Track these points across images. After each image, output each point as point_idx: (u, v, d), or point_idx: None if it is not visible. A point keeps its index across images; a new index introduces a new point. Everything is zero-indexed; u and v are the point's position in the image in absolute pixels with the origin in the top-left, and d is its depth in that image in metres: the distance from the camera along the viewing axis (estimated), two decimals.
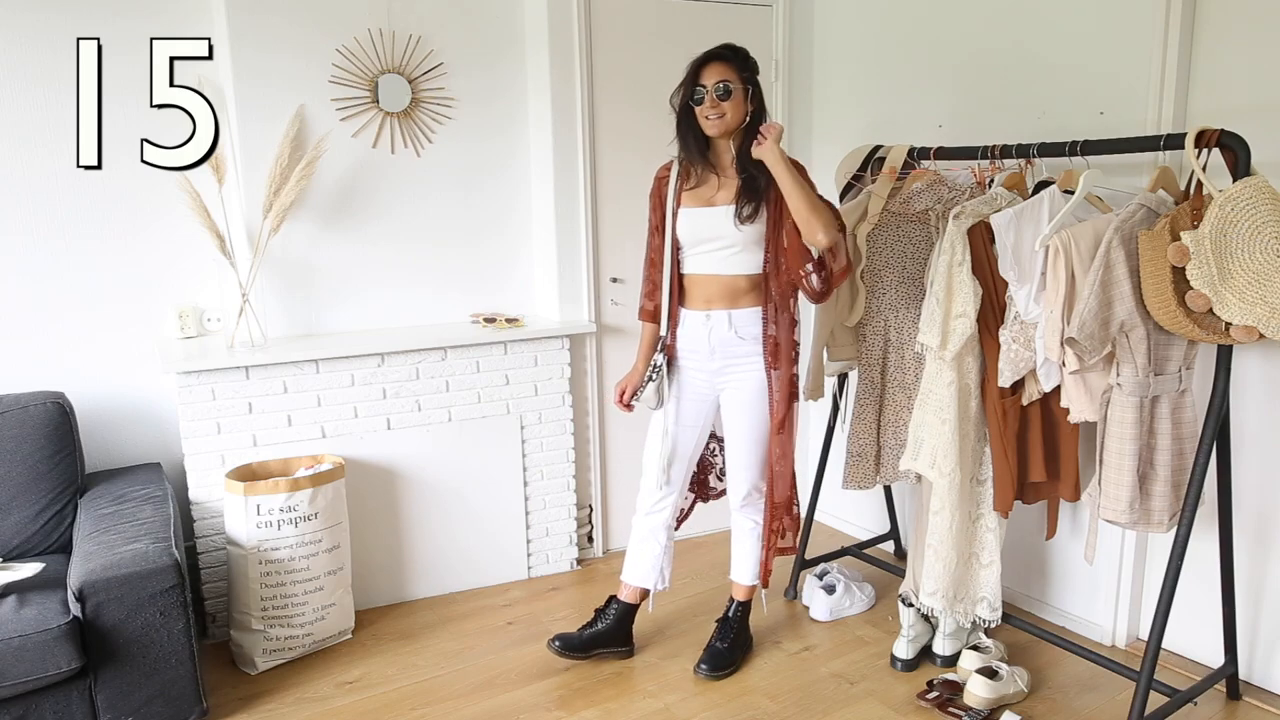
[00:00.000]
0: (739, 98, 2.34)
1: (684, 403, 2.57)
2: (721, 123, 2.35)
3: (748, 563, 2.69)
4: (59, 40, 2.75)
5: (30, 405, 2.60)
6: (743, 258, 2.44)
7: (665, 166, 2.54)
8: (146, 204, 2.93)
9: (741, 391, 2.52)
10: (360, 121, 3.06)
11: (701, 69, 2.35)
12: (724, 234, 2.41)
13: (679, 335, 2.54)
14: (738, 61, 2.36)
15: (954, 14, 3.03)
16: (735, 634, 2.72)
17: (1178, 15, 2.42)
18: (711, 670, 2.64)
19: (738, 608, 2.74)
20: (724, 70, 2.34)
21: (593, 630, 2.70)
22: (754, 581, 2.70)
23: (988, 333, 2.42)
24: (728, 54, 2.36)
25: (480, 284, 3.36)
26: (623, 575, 2.72)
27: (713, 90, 2.33)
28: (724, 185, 2.43)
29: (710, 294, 2.47)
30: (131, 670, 2.23)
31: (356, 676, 2.70)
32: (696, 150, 2.42)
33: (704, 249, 2.45)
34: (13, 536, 2.55)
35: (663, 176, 2.53)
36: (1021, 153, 2.46)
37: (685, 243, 2.47)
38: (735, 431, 2.57)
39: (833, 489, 3.69)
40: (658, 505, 2.64)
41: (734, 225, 2.39)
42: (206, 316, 3.08)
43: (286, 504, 2.66)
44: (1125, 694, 2.51)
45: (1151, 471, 2.26)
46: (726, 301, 2.46)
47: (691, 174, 2.46)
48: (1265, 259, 1.96)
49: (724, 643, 2.70)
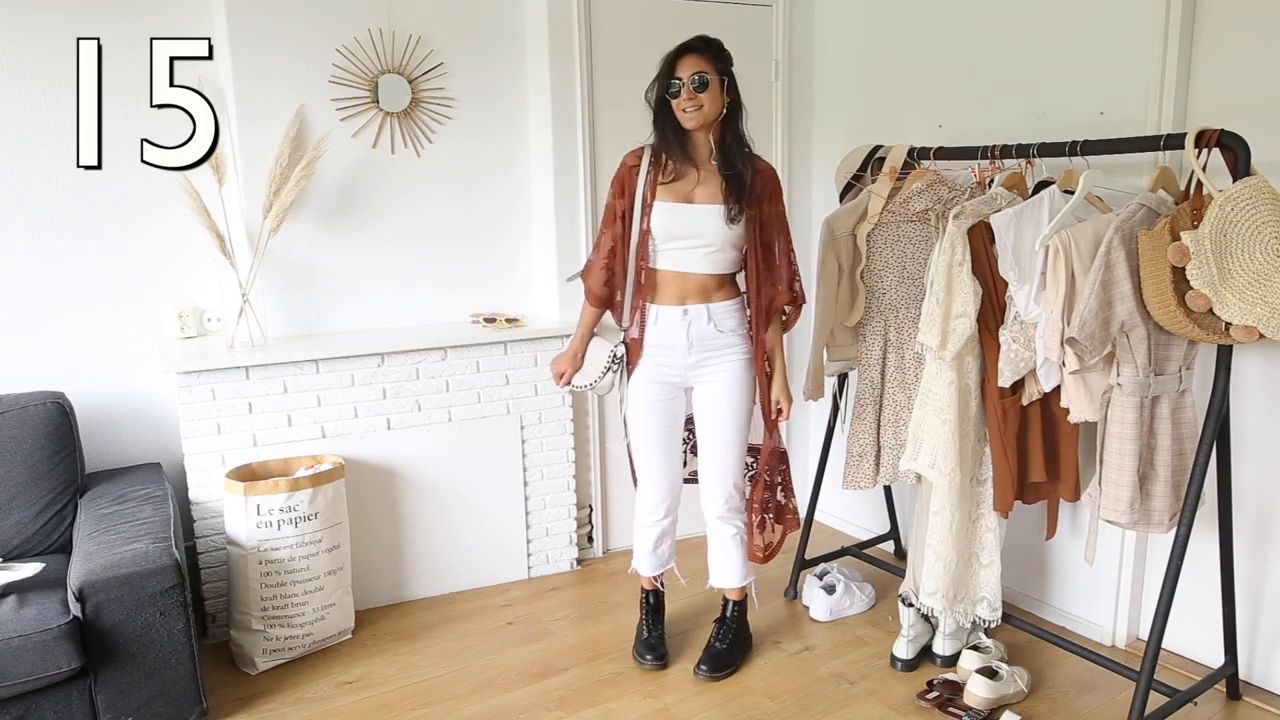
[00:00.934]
0: (716, 89, 2.33)
1: (653, 415, 2.54)
2: (699, 115, 2.33)
3: (733, 568, 2.67)
4: (59, 40, 2.75)
5: (30, 405, 2.60)
6: (720, 257, 2.42)
7: (635, 154, 2.47)
8: (146, 204, 2.93)
9: (719, 383, 2.50)
10: (360, 121, 3.06)
11: (676, 62, 2.34)
12: (706, 233, 2.39)
13: (650, 331, 2.49)
14: (711, 53, 2.35)
15: (954, 14, 3.03)
16: (734, 634, 2.72)
17: (1178, 15, 2.42)
18: (711, 671, 2.64)
19: (734, 607, 2.74)
20: (699, 62, 2.32)
21: (661, 624, 2.80)
22: (745, 581, 2.69)
23: (988, 333, 2.42)
24: (701, 45, 2.35)
25: (480, 284, 3.36)
26: (643, 570, 2.75)
27: (689, 82, 2.31)
28: (704, 181, 2.41)
29: (685, 290, 2.44)
30: (131, 670, 2.23)
31: (356, 676, 2.70)
32: (676, 144, 2.39)
33: (681, 245, 2.41)
34: (13, 536, 2.55)
35: (632, 165, 2.45)
36: (1021, 153, 2.46)
37: (660, 237, 2.42)
38: (713, 427, 2.54)
39: (833, 489, 3.69)
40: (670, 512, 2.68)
41: (724, 225, 2.37)
42: (206, 316, 3.08)
43: (286, 504, 2.66)
44: (1125, 694, 2.51)
45: (1151, 471, 2.26)
46: (702, 296, 2.45)
47: (667, 166, 2.41)
48: (1265, 259, 1.96)
49: (723, 643, 2.70)
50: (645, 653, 2.73)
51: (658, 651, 2.73)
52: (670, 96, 2.35)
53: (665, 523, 2.68)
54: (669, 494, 2.64)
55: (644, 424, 2.56)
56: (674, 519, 2.69)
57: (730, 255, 2.44)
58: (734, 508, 2.61)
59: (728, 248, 2.42)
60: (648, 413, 2.55)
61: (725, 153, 2.39)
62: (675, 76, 2.33)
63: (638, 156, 2.47)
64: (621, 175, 2.48)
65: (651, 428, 2.56)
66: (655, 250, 2.44)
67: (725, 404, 2.51)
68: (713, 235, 2.39)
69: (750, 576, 2.70)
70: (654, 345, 2.50)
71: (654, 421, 2.55)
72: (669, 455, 2.60)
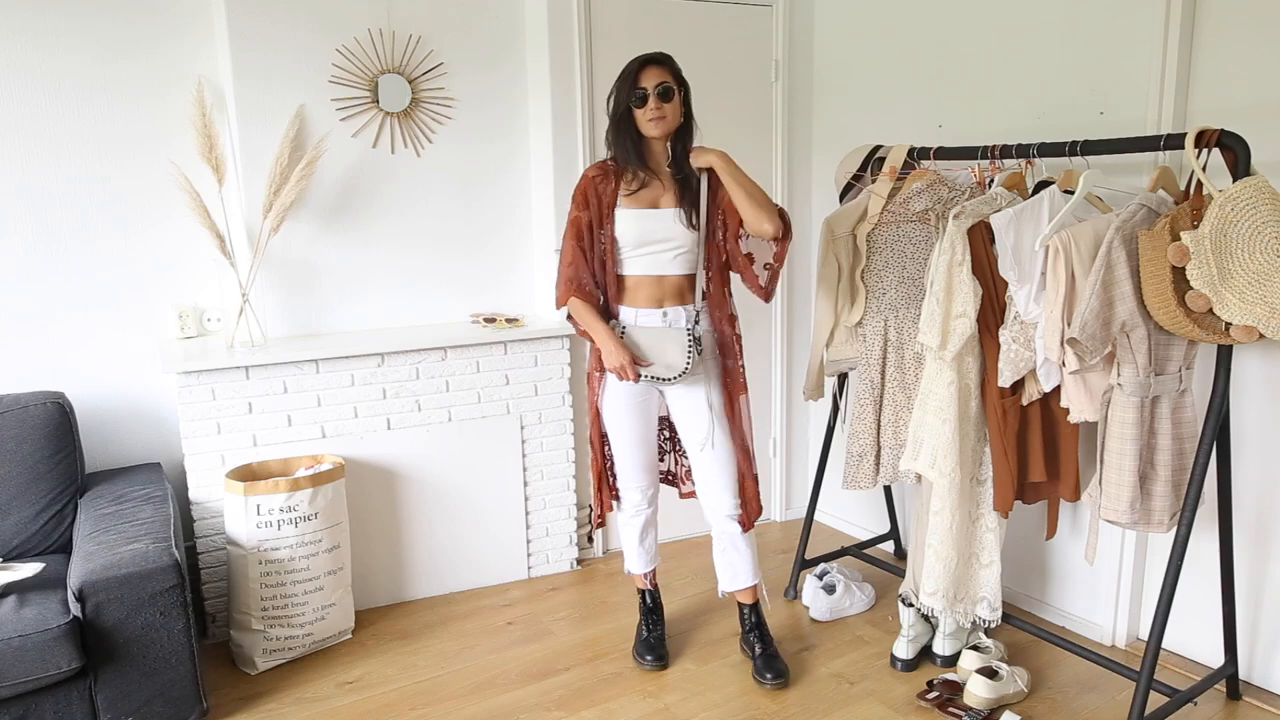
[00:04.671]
0: (677, 100, 2.41)
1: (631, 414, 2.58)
2: (663, 124, 2.40)
3: (745, 566, 2.65)
4: (59, 40, 2.75)
5: (30, 405, 2.60)
6: (687, 258, 2.50)
7: (596, 167, 2.54)
8: (146, 204, 2.93)
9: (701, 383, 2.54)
10: (360, 121, 3.06)
11: (640, 72, 2.40)
12: (673, 236, 2.46)
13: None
14: (671, 65, 2.43)
15: (954, 14, 3.03)
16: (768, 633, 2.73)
17: (1178, 15, 2.42)
18: (777, 677, 2.60)
19: (753, 611, 2.72)
20: (662, 73, 2.40)
21: (661, 624, 2.81)
22: (756, 580, 2.67)
23: (988, 333, 2.42)
24: (663, 58, 2.43)
25: (480, 284, 3.37)
26: (634, 568, 2.77)
27: (654, 91, 2.38)
28: (667, 188, 2.49)
29: (661, 293, 2.50)
30: (131, 670, 2.23)
31: (356, 676, 2.70)
32: (635, 153, 2.46)
33: (650, 250, 2.47)
34: (13, 536, 2.55)
35: (594, 176, 2.51)
36: (1021, 153, 2.46)
37: (627, 244, 2.47)
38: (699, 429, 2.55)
39: (833, 489, 3.70)
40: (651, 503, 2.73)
41: (684, 228, 2.45)
42: (206, 316, 3.08)
43: (286, 504, 2.66)
44: (1125, 694, 2.51)
45: (1152, 471, 2.26)
46: (677, 299, 2.52)
47: (629, 178, 2.48)
48: (1265, 259, 1.96)
49: (770, 647, 2.68)
50: (645, 653, 2.74)
51: (657, 652, 2.74)
52: (635, 105, 2.41)
53: (649, 512, 2.72)
54: (651, 485, 2.70)
55: (624, 425, 2.60)
56: (655, 508, 2.74)
57: (696, 255, 2.51)
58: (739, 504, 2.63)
59: (693, 247, 2.49)
60: (625, 412, 2.58)
61: (678, 160, 2.48)
62: (640, 86, 2.39)
63: (599, 168, 2.53)
64: (584, 186, 2.51)
65: (630, 427, 2.60)
66: (622, 257, 2.50)
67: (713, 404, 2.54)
68: (681, 238, 2.47)
69: (760, 575, 2.69)
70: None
71: (631, 421, 2.59)
72: (649, 452, 2.66)
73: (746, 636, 2.73)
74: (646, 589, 2.81)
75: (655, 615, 2.82)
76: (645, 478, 2.67)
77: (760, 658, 2.67)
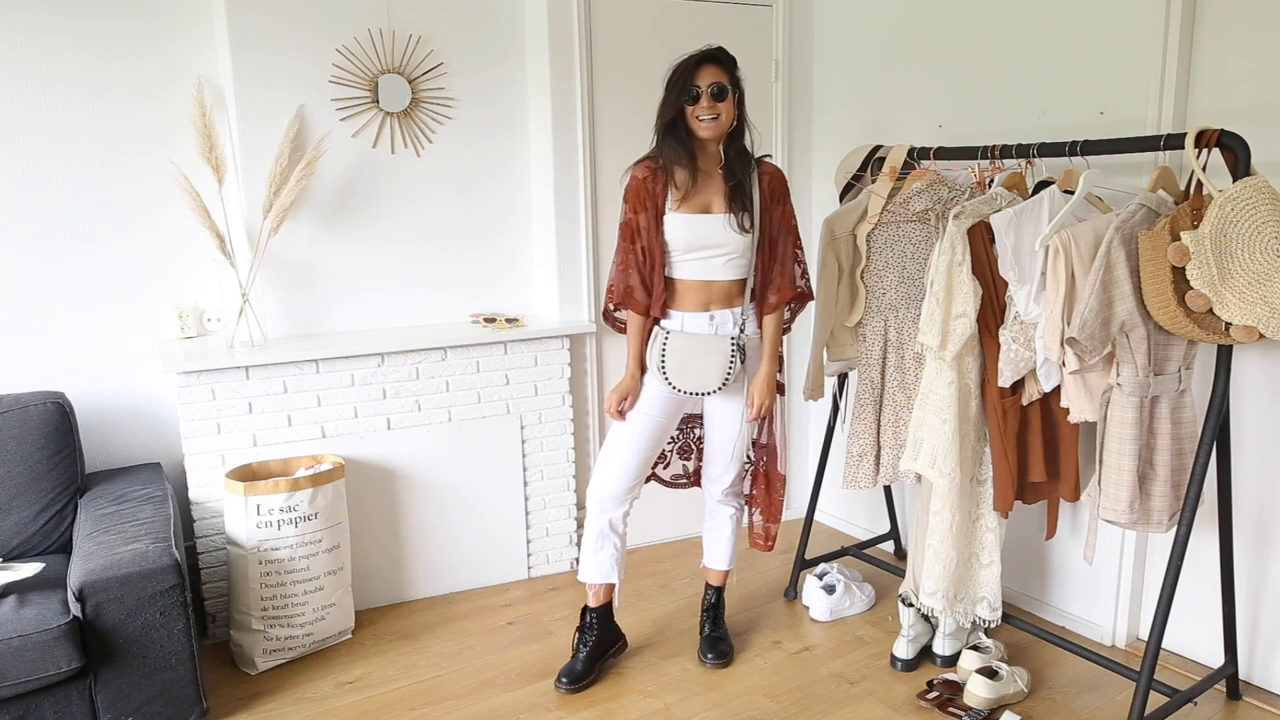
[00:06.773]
0: (731, 101, 2.33)
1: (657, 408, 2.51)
2: (716, 124, 2.33)
3: (724, 550, 2.75)
4: (59, 40, 2.75)
5: (30, 405, 2.60)
6: (739, 263, 2.44)
7: (644, 167, 2.43)
8: (146, 204, 2.93)
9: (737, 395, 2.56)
10: (360, 121, 3.06)
11: (696, 70, 2.32)
12: (726, 242, 2.39)
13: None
14: (728, 64, 2.35)
15: (954, 14, 3.03)
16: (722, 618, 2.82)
17: (1178, 15, 2.42)
18: (718, 659, 2.71)
19: (717, 594, 2.81)
20: (718, 72, 2.32)
21: (587, 650, 2.63)
22: (730, 566, 2.78)
23: (988, 333, 2.42)
24: (721, 55, 2.35)
25: (480, 284, 3.37)
26: (585, 577, 2.60)
27: (708, 90, 2.30)
28: (719, 192, 2.41)
29: (709, 298, 2.46)
30: (131, 670, 2.23)
31: (356, 676, 2.70)
32: (686, 154, 2.38)
33: (702, 255, 2.41)
34: (13, 536, 2.55)
35: (644, 177, 2.42)
36: (1021, 153, 2.46)
37: (677, 248, 2.41)
38: (727, 422, 2.58)
39: (833, 489, 3.70)
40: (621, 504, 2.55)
41: (735, 234, 2.39)
42: (206, 316, 3.08)
43: (286, 504, 2.66)
44: (1125, 694, 2.51)
45: (1151, 471, 2.26)
46: (724, 302, 2.47)
47: (679, 179, 2.40)
48: (1265, 259, 1.96)
49: (719, 629, 2.79)
50: (562, 675, 2.59)
51: (574, 675, 2.59)
52: (688, 103, 2.33)
53: (616, 514, 2.54)
54: (633, 485, 2.54)
55: (645, 413, 2.52)
56: (625, 514, 2.56)
57: (747, 260, 2.46)
58: (735, 491, 2.70)
59: (745, 252, 2.44)
60: (652, 403, 2.52)
61: (730, 164, 2.40)
62: (695, 84, 2.31)
63: (648, 168, 2.43)
64: (635, 188, 2.42)
65: (651, 417, 2.52)
66: (673, 261, 2.44)
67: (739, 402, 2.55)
68: (733, 244, 2.40)
69: (734, 563, 2.79)
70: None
71: (655, 413, 2.52)
72: (650, 450, 2.55)
73: (703, 614, 2.81)
74: (588, 605, 2.64)
75: (587, 635, 2.64)
76: (628, 473, 2.52)
77: (707, 638, 2.77)
